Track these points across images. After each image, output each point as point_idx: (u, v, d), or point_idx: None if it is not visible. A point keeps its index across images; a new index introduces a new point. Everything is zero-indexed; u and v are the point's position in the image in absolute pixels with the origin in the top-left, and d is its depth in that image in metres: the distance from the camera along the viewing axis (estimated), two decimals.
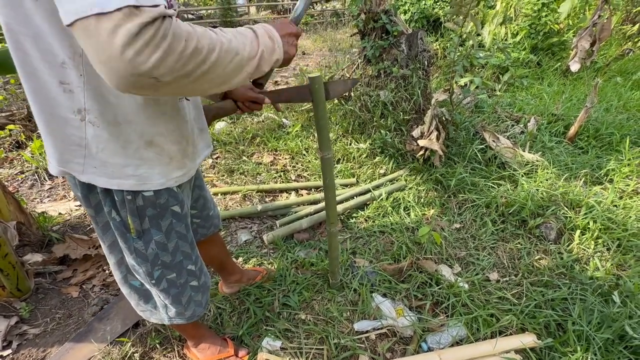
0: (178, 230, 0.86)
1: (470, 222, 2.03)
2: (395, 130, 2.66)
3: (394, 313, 1.44)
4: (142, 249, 0.83)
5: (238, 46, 0.58)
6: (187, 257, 0.91)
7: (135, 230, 0.80)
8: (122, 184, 0.72)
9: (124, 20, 0.42)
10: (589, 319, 1.36)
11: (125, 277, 0.93)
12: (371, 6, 2.59)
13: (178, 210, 0.84)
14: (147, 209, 0.78)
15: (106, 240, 0.86)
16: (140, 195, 0.76)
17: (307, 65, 6.16)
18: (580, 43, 2.83)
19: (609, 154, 2.58)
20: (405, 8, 5.68)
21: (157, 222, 0.81)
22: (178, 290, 0.93)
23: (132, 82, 0.46)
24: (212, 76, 0.54)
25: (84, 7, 0.42)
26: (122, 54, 0.43)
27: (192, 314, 1.01)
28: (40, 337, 1.44)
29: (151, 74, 0.46)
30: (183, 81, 0.50)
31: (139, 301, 0.98)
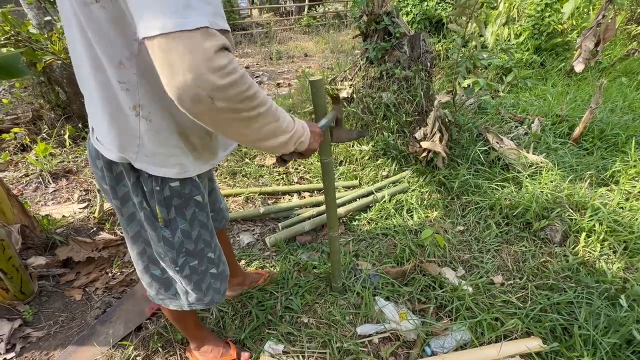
0: (200, 219, 0.90)
1: (474, 224, 2.01)
2: (398, 132, 2.65)
3: (397, 317, 1.43)
4: (169, 237, 0.86)
5: (280, 115, 0.68)
6: (207, 245, 0.95)
7: (162, 220, 0.84)
8: (168, 172, 0.78)
9: (203, 39, 0.49)
10: (596, 323, 1.34)
11: (147, 267, 0.96)
12: (373, 8, 2.58)
13: (200, 199, 0.88)
14: (173, 198, 0.83)
15: (130, 231, 0.89)
16: (168, 186, 0.80)
17: (309, 67, 6.17)
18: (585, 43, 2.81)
19: (614, 155, 2.55)
20: (407, 10, 5.67)
21: (182, 212, 0.85)
22: (199, 277, 0.96)
23: (194, 91, 0.51)
24: (253, 126, 0.62)
25: (168, 24, 0.48)
26: (198, 67, 0.49)
27: (211, 300, 1.03)
28: (43, 340, 1.44)
29: (212, 93, 0.52)
30: (229, 115, 0.57)
31: (160, 289, 1.00)
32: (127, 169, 0.78)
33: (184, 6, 0.48)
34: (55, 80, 3.03)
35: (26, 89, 3.70)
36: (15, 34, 2.58)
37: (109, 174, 0.80)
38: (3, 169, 2.70)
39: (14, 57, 1.67)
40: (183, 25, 0.48)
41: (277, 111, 0.67)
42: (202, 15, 0.50)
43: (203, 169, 0.87)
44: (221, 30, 0.53)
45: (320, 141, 0.90)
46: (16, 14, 4.51)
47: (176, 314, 1.13)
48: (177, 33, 0.48)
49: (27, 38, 2.66)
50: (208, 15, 0.51)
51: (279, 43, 8.49)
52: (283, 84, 5.22)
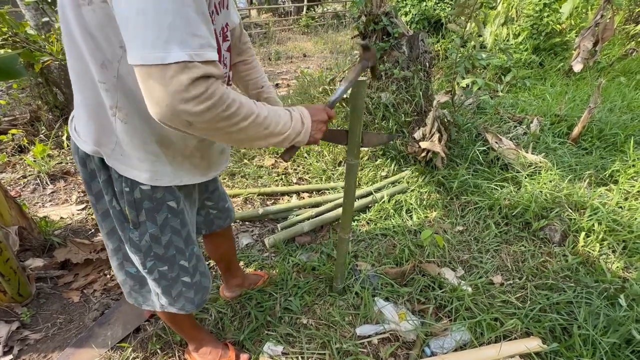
0: (173, 225, 0.88)
1: (473, 224, 2.01)
2: (397, 132, 2.65)
3: (397, 317, 1.42)
4: (136, 239, 0.85)
5: (270, 123, 0.70)
6: (180, 252, 0.92)
7: (132, 221, 0.84)
8: (139, 176, 0.77)
9: (178, 72, 0.52)
10: (595, 323, 1.34)
11: (122, 264, 0.94)
12: (372, 8, 2.58)
13: (174, 205, 0.86)
14: (144, 201, 0.81)
15: (105, 227, 0.89)
16: (138, 188, 0.79)
17: (308, 67, 6.17)
18: (583, 43, 2.81)
19: (613, 155, 2.55)
20: (406, 10, 5.67)
21: (152, 216, 0.84)
22: (168, 283, 0.94)
23: (170, 119, 0.56)
24: (238, 136, 0.66)
25: (148, 57, 0.51)
26: (171, 98, 0.53)
27: (182, 307, 1.01)
28: (41, 342, 1.43)
29: (188, 119, 0.56)
30: (211, 132, 0.62)
31: (133, 287, 0.99)
32: (99, 166, 0.78)
33: (164, 41, 0.51)
34: (53, 82, 3.03)
35: (24, 90, 3.69)
36: (12, 35, 2.57)
37: (83, 169, 0.82)
38: (1, 171, 2.69)
39: (11, 58, 1.67)
40: (161, 59, 0.51)
41: (267, 119, 0.69)
42: (183, 50, 0.52)
43: (184, 181, 0.85)
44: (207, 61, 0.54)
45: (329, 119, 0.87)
46: (14, 14, 4.50)
47: (171, 315, 1.12)
48: (154, 66, 0.51)
49: (25, 39, 2.65)
50: (192, 48, 0.52)
51: (277, 43, 8.49)
52: (282, 85, 5.22)
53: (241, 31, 0.99)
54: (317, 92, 3.48)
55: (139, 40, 0.51)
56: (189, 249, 0.94)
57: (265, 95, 1.07)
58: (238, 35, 0.99)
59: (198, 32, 0.54)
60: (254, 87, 1.07)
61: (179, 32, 0.51)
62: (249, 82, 1.06)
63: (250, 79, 1.06)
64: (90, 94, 0.70)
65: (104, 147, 0.74)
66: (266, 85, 1.08)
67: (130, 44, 0.53)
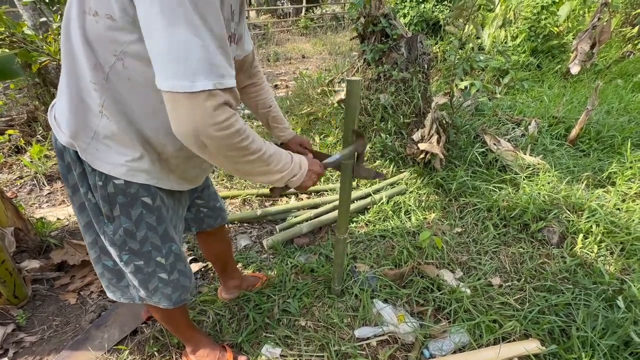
0: (148, 221, 0.87)
1: (471, 226, 2.01)
2: (396, 133, 2.65)
3: (395, 319, 1.42)
4: (110, 233, 0.86)
5: (272, 161, 0.76)
6: (156, 249, 0.92)
7: (106, 215, 0.84)
8: (113, 170, 0.77)
9: (204, 99, 0.58)
10: (593, 324, 1.34)
11: (99, 257, 0.94)
12: (370, 10, 2.59)
13: (149, 201, 0.85)
14: (118, 196, 0.81)
15: (82, 220, 0.89)
16: (112, 183, 0.79)
17: (307, 68, 6.18)
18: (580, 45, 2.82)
19: (610, 157, 2.56)
20: (404, 12, 5.69)
21: (127, 211, 0.84)
22: (144, 277, 0.94)
23: (188, 138, 0.62)
24: (242, 167, 0.72)
25: (177, 86, 0.57)
26: (196, 122, 0.60)
27: (158, 301, 1.01)
28: (37, 344, 1.42)
29: (205, 142, 0.62)
30: (220, 158, 0.67)
31: (111, 280, 0.98)
32: (74, 158, 0.79)
33: (193, 72, 0.57)
34: (50, 82, 3.01)
35: (21, 90, 3.67)
36: (10, 35, 2.56)
37: (60, 162, 0.83)
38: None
39: (8, 59, 1.66)
40: (189, 88, 0.57)
41: (271, 157, 0.75)
42: (208, 80, 0.58)
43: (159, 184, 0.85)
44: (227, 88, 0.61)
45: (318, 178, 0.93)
46: (11, 14, 4.48)
47: (165, 314, 1.11)
48: (183, 94, 0.58)
49: (22, 39, 2.63)
50: (214, 78, 0.59)
51: (276, 45, 8.49)
52: (281, 86, 5.22)
53: (253, 57, 1.09)
54: (315, 93, 3.48)
55: (169, 72, 0.57)
56: (166, 246, 0.94)
57: (273, 114, 1.18)
58: (250, 61, 1.08)
59: (221, 63, 0.60)
60: (262, 106, 1.16)
61: (205, 64, 0.58)
62: (258, 102, 1.16)
63: (259, 99, 1.15)
64: (78, 90, 0.72)
65: (79, 140, 0.76)
66: (274, 104, 1.18)
67: (161, 73, 0.58)
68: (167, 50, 0.57)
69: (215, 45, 0.59)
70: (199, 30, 0.57)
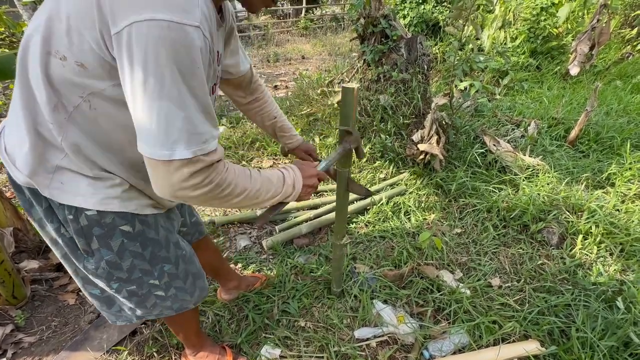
0: (132, 249, 0.81)
1: (471, 227, 2.01)
2: (395, 134, 2.65)
3: (395, 320, 1.42)
4: (92, 267, 0.80)
5: (261, 193, 0.75)
6: (146, 273, 0.87)
7: (83, 250, 0.78)
8: (83, 202, 0.72)
9: (181, 166, 0.59)
10: (593, 325, 1.34)
11: (84, 286, 0.90)
12: (370, 11, 2.59)
13: (129, 229, 0.79)
14: (93, 228, 0.75)
15: (58, 253, 0.84)
16: (83, 215, 0.73)
17: (306, 69, 6.18)
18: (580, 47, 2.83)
19: (610, 158, 2.57)
20: (404, 12, 5.70)
21: (106, 242, 0.78)
22: (140, 298, 0.90)
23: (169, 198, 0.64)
24: (229, 206, 0.72)
25: (156, 153, 0.58)
26: (173, 187, 0.61)
27: (160, 313, 0.98)
28: (35, 345, 1.42)
29: (187, 200, 0.65)
30: (204, 204, 0.69)
31: (102, 307, 0.94)
32: (36, 194, 0.72)
33: (173, 142, 0.57)
34: None
35: None
36: (10, 35, 2.56)
37: (20, 196, 0.76)
38: None
39: (8, 58, 1.65)
40: (168, 157, 0.58)
41: (258, 191, 0.74)
42: (187, 149, 0.58)
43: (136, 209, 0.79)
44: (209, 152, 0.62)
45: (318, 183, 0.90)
46: (11, 15, 4.48)
47: (176, 322, 1.10)
48: (162, 162, 0.58)
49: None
50: (195, 146, 0.59)
51: (276, 45, 8.50)
52: (280, 86, 5.22)
53: (252, 74, 1.08)
54: (315, 94, 3.48)
55: (150, 140, 0.58)
56: (157, 268, 0.88)
57: (279, 124, 1.18)
58: (249, 78, 1.07)
59: (202, 129, 0.60)
60: (268, 119, 1.16)
61: (185, 134, 0.58)
62: (264, 115, 1.16)
63: (264, 112, 1.15)
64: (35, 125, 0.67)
65: (39, 177, 0.69)
66: (279, 114, 1.18)
67: (142, 138, 0.59)
68: (150, 119, 0.56)
69: (199, 114, 0.59)
70: (184, 101, 0.57)
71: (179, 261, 0.94)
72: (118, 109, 0.65)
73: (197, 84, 0.58)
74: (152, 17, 0.52)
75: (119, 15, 0.53)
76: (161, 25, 0.52)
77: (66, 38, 0.58)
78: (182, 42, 0.54)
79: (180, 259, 0.94)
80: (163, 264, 0.89)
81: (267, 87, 1.20)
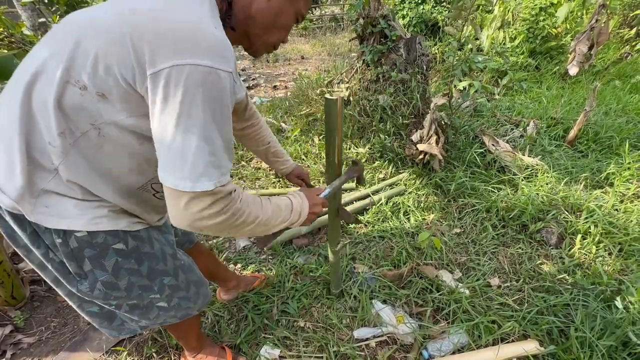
0: (127, 267, 0.80)
1: (470, 226, 2.01)
2: (395, 134, 2.65)
3: (394, 320, 1.42)
4: (86, 290, 0.78)
5: (270, 221, 0.77)
6: (147, 289, 0.85)
7: (75, 273, 0.77)
8: (72, 224, 0.70)
9: (202, 196, 0.62)
10: (592, 325, 1.34)
11: (81, 306, 0.88)
12: (370, 11, 2.59)
13: (122, 247, 0.78)
14: (84, 250, 0.74)
15: (47, 278, 0.82)
16: (73, 237, 0.71)
17: (306, 69, 6.18)
18: (579, 47, 2.84)
19: (608, 158, 2.57)
20: (403, 13, 5.71)
21: (99, 263, 0.76)
22: (142, 310, 0.89)
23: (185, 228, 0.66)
24: (241, 234, 0.74)
25: (179, 184, 0.60)
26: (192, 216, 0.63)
27: (164, 321, 0.98)
28: (35, 346, 1.42)
29: (201, 229, 0.67)
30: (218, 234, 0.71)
31: (102, 324, 0.93)
32: (18, 219, 0.70)
33: (199, 174, 0.60)
34: None
35: None
36: (8, 36, 2.55)
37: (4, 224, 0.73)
38: None
39: (7, 59, 1.65)
40: (190, 188, 0.60)
41: (269, 219, 0.76)
42: (210, 181, 0.61)
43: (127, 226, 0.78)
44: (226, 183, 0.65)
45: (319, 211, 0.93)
46: (10, 15, 4.47)
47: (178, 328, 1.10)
48: (184, 192, 0.61)
49: (21, 40, 2.63)
50: (216, 178, 0.62)
51: None
52: (280, 87, 5.22)
53: (247, 101, 1.10)
54: (314, 94, 3.48)
55: (177, 171, 0.60)
56: (156, 282, 0.86)
57: (272, 149, 1.23)
58: (245, 105, 1.10)
59: (223, 163, 0.64)
60: (262, 144, 1.20)
61: (210, 168, 0.61)
62: (258, 141, 1.19)
63: (259, 137, 1.19)
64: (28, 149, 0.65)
65: (24, 202, 0.67)
66: (272, 140, 1.22)
67: (166, 169, 0.61)
68: (179, 153, 0.59)
69: (222, 149, 0.63)
70: (212, 139, 0.60)
71: (179, 272, 0.93)
72: (129, 137, 0.67)
73: (225, 122, 0.62)
74: (195, 62, 0.56)
75: (160, 58, 0.56)
76: (202, 70, 0.56)
77: (91, 70, 0.60)
78: (218, 86, 0.58)
79: (180, 270, 0.93)
80: (162, 277, 0.88)
81: (266, 87, 1.20)
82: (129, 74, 0.59)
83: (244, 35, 0.78)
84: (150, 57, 0.57)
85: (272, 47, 0.82)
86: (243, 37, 0.78)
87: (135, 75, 0.59)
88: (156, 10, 0.59)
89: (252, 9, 0.73)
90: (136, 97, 0.61)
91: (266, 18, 0.74)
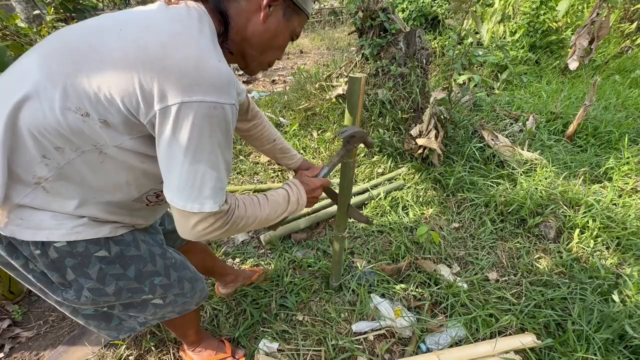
0: (113, 273, 0.78)
1: (469, 221, 2.01)
2: (394, 129, 2.64)
3: (393, 314, 1.42)
4: (73, 298, 0.76)
5: (270, 217, 0.83)
6: (136, 291, 0.84)
7: (58, 284, 0.75)
8: (50, 235, 0.68)
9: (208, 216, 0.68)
10: (589, 318, 1.35)
11: (75, 310, 0.85)
12: (369, 4, 2.57)
13: (105, 254, 0.76)
14: (65, 259, 0.72)
15: (33, 288, 0.81)
16: (52, 248, 0.70)
17: (305, 64, 6.14)
18: (579, 41, 2.81)
19: (607, 152, 2.57)
20: (403, 6, 5.66)
21: (83, 271, 0.74)
22: (137, 308, 0.89)
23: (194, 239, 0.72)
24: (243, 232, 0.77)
25: (187, 206, 0.65)
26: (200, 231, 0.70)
27: (162, 317, 0.98)
28: (33, 340, 1.42)
29: (209, 239, 0.73)
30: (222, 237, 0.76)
31: (100, 325, 0.91)
32: None
33: (205, 197, 0.65)
34: None
35: None
36: (2, 28, 2.52)
37: None
38: None
39: (0, 51, 1.63)
40: (197, 209, 0.66)
41: (268, 215, 0.82)
42: (214, 202, 0.66)
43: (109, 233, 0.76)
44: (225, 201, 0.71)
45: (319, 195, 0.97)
46: (4, 7, 4.41)
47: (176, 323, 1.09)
48: (191, 213, 0.66)
49: (15, 32, 2.59)
50: (219, 199, 0.68)
51: None
52: (278, 81, 5.19)
53: (249, 101, 1.11)
54: (313, 88, 3.46)
55: (185, 195, 0.65)
56: (146, 283, 0.85)
57: (278, 146, 1.24)
58: (247, 106, 1.11)
59: (224, 183, 0.69)
60: (267, 142, 1.21)
61: (215, 190, 0.66)
62: (264, 139, 1.21)
63: (263, 136, 1.20)
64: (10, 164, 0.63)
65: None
66: (277, 137, 1.23)
67: (175, 192, 0.65)
68: (188, 179, 0.63)
69: (225, 173, 0.68)
70: (218, 165, 0.65)
71: (170, 270, 0.91)
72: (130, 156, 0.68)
73: (228, 147, 0.67)
74: (202, 99, 0.59)
75: (168, 94, 0.59)
76: (208, 105, 0.60)
77: (94, 99, 0.60)
78: (223, 118, 0.62)
79: (171, 268, 0.92)
80: (152, 278, 0.86)
81: (264, 81, 1.19)
82: (133, 106, 0.61)
83: (240, 56, 0.78)
84: (158, 94, 0.59)
85: (267, 66, 0.84)
86: (239, 58, 0.79)
87: (139, 108, 0.61)
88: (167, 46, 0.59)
89: (247, 31, 0.73)
90: (138, 123, 0.63)
91: (262, 39, 0.74)
